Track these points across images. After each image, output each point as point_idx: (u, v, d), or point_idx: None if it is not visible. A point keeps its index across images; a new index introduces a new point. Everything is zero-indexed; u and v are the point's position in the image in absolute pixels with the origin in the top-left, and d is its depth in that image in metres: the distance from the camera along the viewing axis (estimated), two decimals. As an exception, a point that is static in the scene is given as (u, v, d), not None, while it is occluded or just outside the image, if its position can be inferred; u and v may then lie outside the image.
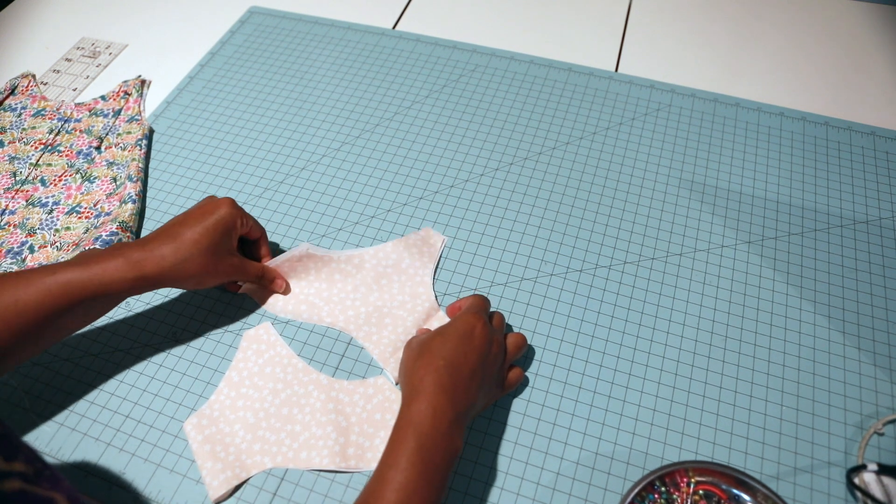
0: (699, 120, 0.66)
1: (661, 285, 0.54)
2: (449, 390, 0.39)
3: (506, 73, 0.72)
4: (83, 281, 0.41)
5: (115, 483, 0.45)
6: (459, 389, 0.40)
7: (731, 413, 0.47)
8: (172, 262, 0.44)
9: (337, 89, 0.72)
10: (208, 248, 0.45)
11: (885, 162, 0.62)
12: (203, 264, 0.45)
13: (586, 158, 0.64)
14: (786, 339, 0.51)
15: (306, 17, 0.81)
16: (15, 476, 0.25)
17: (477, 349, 0.42)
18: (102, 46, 0.78)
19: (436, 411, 0.38)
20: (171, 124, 0.69)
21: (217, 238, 0.46)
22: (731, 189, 0.60)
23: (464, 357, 0.41)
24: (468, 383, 0.40)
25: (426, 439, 0.37)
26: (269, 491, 0.44)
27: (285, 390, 0.48)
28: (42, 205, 0.61)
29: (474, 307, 0.45)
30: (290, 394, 0.48)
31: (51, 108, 0.70)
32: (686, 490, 0.40)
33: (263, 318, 0.53)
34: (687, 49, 0.75)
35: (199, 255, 0.45)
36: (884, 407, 0.47)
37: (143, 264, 0.43)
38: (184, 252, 0.44)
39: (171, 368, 0.50)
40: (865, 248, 0.56)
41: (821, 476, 0.44)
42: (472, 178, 0.62)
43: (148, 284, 0.44)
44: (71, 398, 0.49)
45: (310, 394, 0.48)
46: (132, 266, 0.42)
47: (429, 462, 0.37)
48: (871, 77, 0.70)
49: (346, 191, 0.62)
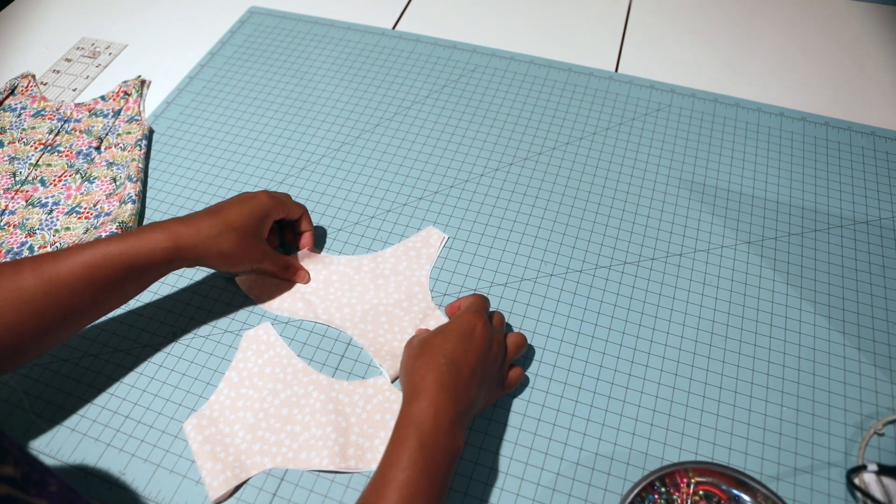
0: (699, 120, 0.66)
1: (661, 285, 0.54)
2: (450, 389, 0.39)
3: (506, 73, 0.72)
4: (122, 252, 0.43)
5: (115, 483, 0.45)
6: (460, 388, 0.40)
7: (731, 413, 0.47)
8: (207, 235, 0.45)
9: (337, 89, 0.72)
10: (242, 229, 0.47)
11: (885, 162, 0.62)
12: (235, 243, 0.47)
13: (586, 158, 0.64)
14: (786, 339, 0.51)
15: (306, 17, 0.81)
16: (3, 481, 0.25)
17: (477, 348, 0.42)
18: (102, 46, 0.78)
19: (437, 410, 0.38)
20: (170, 124, 0.69)
21: (252, 222, 0.48)
22: (731, 189, 0.60)
23: (464, 355, 0.41)
24: (469, 382, 0.40)
25: (427, 438, 0.37)
26: (268, 491, 0.44)
27: (285, 390, 0.48)
28: (42, 205, 0.61)
29: (474, 306, 0.45)
30: (289, 394, 0.48)
31: (50, 109, 0.70)
32: (686, 490, 0.40)
33: (263, 319, 0.53)
34: (687, 49, 0.75)
35: (232, 234, 0.46)
36: (884, 407, 0.47)
37: (180, 234, 0.45)
38: (219, 227, 0.46)
39: (170, 368, 0.50)
40: (865, 248, 0.56)
41: (821, 476, 0.44)
42: (471, 179, 0.62)
43: (181, 256, 0.45)
44: (71, 398, 0.49)
45: (309, 394, 0.48)
46: (169, 235, 0.44)
47: (430, 461, 0.37)
48: (871, 77, 0.70)
49: (345, 191, 0.62)
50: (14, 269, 0.41)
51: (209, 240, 0.46)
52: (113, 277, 0.43)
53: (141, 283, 0.46)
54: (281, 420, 0.47)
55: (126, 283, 0.44)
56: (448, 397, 0.39)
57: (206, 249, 0.46)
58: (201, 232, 0.45)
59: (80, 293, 0.42)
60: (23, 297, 0.40)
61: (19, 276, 0.41)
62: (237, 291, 0.55)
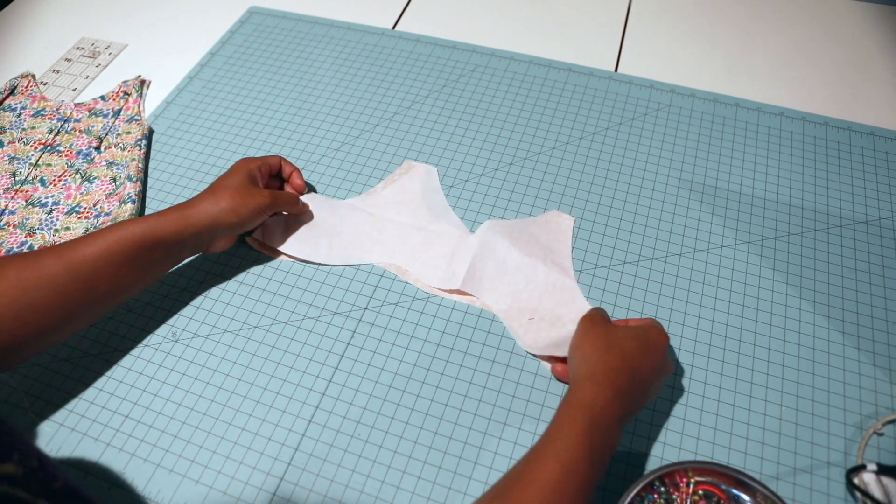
0: (699, 120, 0.66)
1: (661, 285, 0.54)
2: (626, 393, 0.40)
3: (506, 73, 0.72)
4: (136, 231, 0.46)
5: (114, 483, 0.45)
6: (633, 395, 0.40)
7: (731, 413, 0.47)
8: (205, 200, 0.50)
9: (337, 89, 0.72)
10: (234, 185, 0.52)
11: (884, 162, 0.62)
12: (233, 195, 0.51)
13: (586, 158, 0.64)
14: (786, 339, 0.51)
15: (306, 17, 0.81)
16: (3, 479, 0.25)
17: (657, 364, 0.42)
18: (102, 46, 0.78)
19: (611, 406, 0.39)
20: (170, 124, 0.69)
21: (241, 178, 0.52)
22: (730, 189, 0.60)
23: (648, 367, 0.42)
24: (640, 393, 0.41)
25: (596, 424, 0.38)
26: (268, 491, 0.44)
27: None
28: (42, 205, 0.61)
29: (658, 323, 0.45)
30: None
31: (50, 109, 0.70)
32: (685, 490, 0.40)
33: (263, 318, 0.53)
34: (686, 49, 0.75)
35: (227, 190, 0.51)
36: (883, 407, 0.47)
37: (185, 207, 0.49)
38: (214, 191, 0.51)
39: (170, 368, 0.50)
40: (865, 248, 0.56)
41: (820, 476, 0.44)
42: (471, 178, 0.62)
43: (192, 224, 0.48)
44: (71, 398, 0.49)
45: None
46: (176, 210, 0.48)
47: (594, 445, 0.37)
48: (871, 77, 0.70)
49: (345, 191, 0.62)
50: (37, 253, 0.44)
51: (209, 204, 0.50)
52: (131, 254, 0.46)
53: (157, 262, 0.48)
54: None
55: (144, 261, 0.47)
56: (620, 398, 0.39)
57: (210, 212, 0.49)
58: (202, 202, 0.50)
59: (101, 271, 0.44)
60: (46, 275, 0.42)
61: (42, 257, 0.43)
62: (237, 291, 0.55)
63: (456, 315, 0.53)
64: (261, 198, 0.52)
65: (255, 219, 0.52)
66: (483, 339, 0.51)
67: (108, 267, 0.44)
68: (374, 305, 0.54)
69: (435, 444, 0.46)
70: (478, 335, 0.51)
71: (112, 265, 0.45)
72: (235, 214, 0.50)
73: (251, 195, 0.52)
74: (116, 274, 0.45)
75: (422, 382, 0.49)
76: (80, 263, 0.43)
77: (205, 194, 0.51)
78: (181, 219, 0.48)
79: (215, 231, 0.50)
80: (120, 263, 0.45)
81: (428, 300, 0.53)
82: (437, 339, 0.51)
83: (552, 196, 0.61)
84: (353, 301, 0.54)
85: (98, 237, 0.45)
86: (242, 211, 0.51)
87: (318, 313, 0.53)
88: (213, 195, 0.50)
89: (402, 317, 0.53)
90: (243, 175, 0.52)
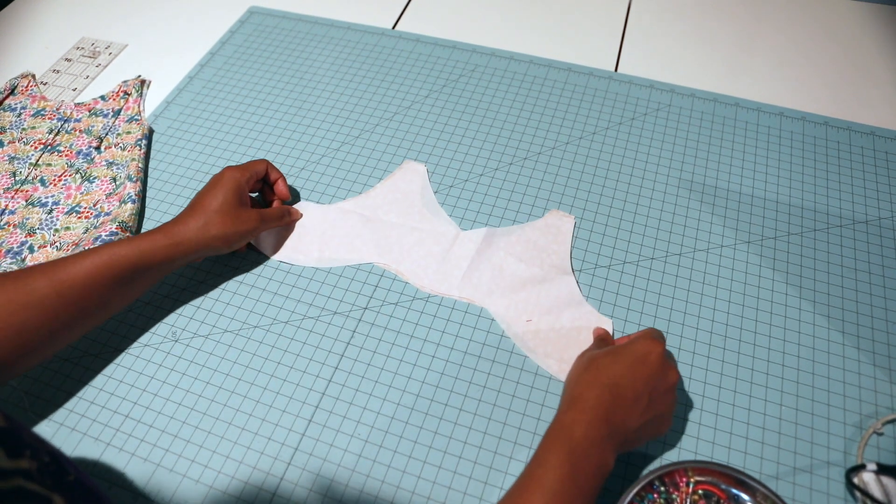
0: (699, 120, 0.66)
1: (661, 285, 0.54)
2: (608, 408, 0.39)
3: (505, 73, 0.72)
4: (127, 253, 0.46)
5: (115, 483, 0.45)
6: (619, 410, 0.39)
7: (731, 413, 0.47)
8: (195, 226, 0.50)
9: (337, 89, 0.72)
10: (223, 209, 0.51)
11: (884, 162, 0.62)
12: (223, 222, 0.51)
13: (586, 158, 0.64)
14: (785, 339, 0.51)
15: (306, 17, 0.81)
16: (17, 474, 0.25)
17: (646, 375, 0.41)
18: (102, 46, 0.78)
19: (590, 423, 0.38)
20: (170, 124, 0.69)
21: (230, 198, 0.52)
22: (730, 189, 0.60)
23: (631, 380, 0.40)
24: (630, 407, 0.40)
25: (577, 446, 0.37)
26: (268, 491, 0.44)
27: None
28: (42, 205, 0.61)
29: (653, 333, 0.44)
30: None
31: (50, 108, 0.70)
32: (685, 490, 0.40)
33: (263, 318, 0.53)
34: (686, 49, 0.75)
35: (217, 216, 0.51)
36: (883, 407, 0.47)
37: (176, 233, 0.49)
38: (204, 217, 0.50)
39: (170, 368, 0.50)
40: (865, 248, 0.56)
41: (820, 476, 0.44)
42: (471, 178, 0.62)
43: (182, 251, 0.49)
44: (71, 398, 0.49)
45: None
46: (167, 234, 0.49)
47: (577, 467, 0.37)
48: (871, 77, 0.70)
49: (345, 191, 0.62)
50: (27, 273, 0.44)
51: (200, 231, 0.50)
52: (120, 277, 0.46)
53: (146, 282, 0.49)
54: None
55: (132, 281, 0.47)
56: (603, 414, 0.39)
57: (200, 240, 0.50)
58: (191, 226, 0.50)
59: (89, 293, 0.45)
60: (36, 298, 0.43)
61: (31, 279, 0.43)
62: (237, 291, 0.55)
63: (456, 315, 0.53)
64: (249, 222, 0.52)
65: (244, 241, 0.53)
66: (483, 339, 0.51)
67: (97, 288, 0.45)
68: (374, 305, 0.54)
69: (435, 443, 0.46)
70: (478, 335, 0.51)
71: (101, 286, 0.45)
72: (225, 240, 0.51)
73: (240, 219, 0.52)
74: (105, 294, 0.46)
75: (422, 382, 0.49)
76: (69, 285, 0.44)
77: (195, 215, 0.50)
78: (172, 246, 0.48)
79: (204, 253, 0.51)
80: (109, 285, 0.46)
81: (428, 300, 0.54)
82: (437, 339, 0.51)
83: (552, 196, 0.61)
84: (353, 301, 0.54)
85: (87, 258, 0.45)
86: (232, 238, 0.51)
87: (318, 313, 0.53)
88: (202, 217, 0.50)
89: (402, 317, 0.53)
90: (231, 192, 0.52)
